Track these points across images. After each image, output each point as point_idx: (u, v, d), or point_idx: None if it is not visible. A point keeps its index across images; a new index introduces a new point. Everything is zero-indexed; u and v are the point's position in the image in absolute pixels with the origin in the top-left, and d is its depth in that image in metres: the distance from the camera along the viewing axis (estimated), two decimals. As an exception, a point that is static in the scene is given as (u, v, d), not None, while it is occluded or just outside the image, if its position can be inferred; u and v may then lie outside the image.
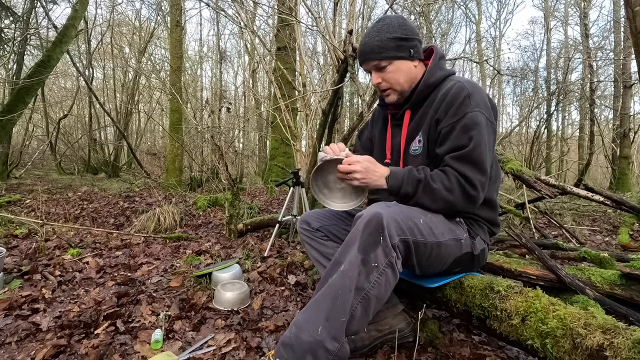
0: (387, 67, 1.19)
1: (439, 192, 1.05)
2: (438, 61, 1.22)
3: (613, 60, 8.38)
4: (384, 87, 1.23)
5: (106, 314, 1.43)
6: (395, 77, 1.20)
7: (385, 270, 0.96)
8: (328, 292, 0.96)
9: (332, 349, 0.92)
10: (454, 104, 1.10)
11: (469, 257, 1.16)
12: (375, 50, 1.17)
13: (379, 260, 0.95)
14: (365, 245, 0.96)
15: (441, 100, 1.14)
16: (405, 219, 1.00)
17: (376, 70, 1.21)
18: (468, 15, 12.75)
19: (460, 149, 1.06)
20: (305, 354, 0.92)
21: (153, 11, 10.25)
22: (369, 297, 0.95)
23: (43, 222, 2.50)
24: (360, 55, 1.22)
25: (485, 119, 1.09)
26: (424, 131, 1.18)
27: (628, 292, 1.19)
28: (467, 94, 1.09)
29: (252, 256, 2.35)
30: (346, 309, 0.93)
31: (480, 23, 13.47)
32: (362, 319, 0.97)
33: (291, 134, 3.90)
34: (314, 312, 0.96)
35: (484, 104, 1.11)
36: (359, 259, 0.95)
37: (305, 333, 0.93)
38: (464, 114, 1.08)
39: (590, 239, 2.96)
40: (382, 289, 0.97)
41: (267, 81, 10.40)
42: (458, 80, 1.15)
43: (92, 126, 9.29)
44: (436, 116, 1.14)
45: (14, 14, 5.99)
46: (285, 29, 5.68)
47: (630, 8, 1.95)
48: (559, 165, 9.84)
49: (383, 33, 1.17)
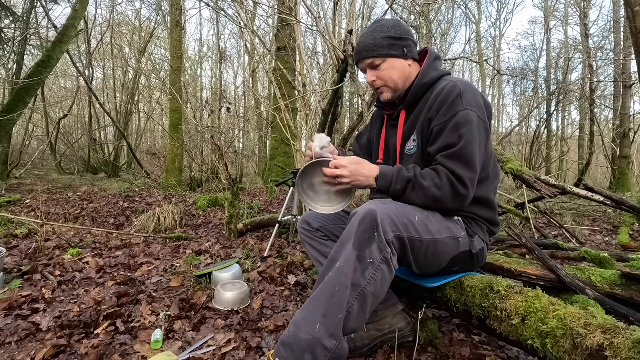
0: (381, 65, 1.22)
1: (429, 190, 1.06)
2: (433, 62, 1.24)
3: (613, 60, 8.38)
4: (378, 84, 1.25)
5: (106, 314, 1.43)
6: (389, 74, 1.22)
7: (381, 266, 0.97)
8: (325, 290, 0.96)
9: (330, 346, 0.93)
10: (445, 103, 1.11)
11: (467, 256, 1.16)
12: (369, 48, 1.20)
13: (374, 256, 0.96)
14: (360, 241, 0.97)
15: (434, 99, 1.15)
16: (400, 216, 1.01)
17: (371, 69, 1.24)
18: (468, 15, 12.77)
19: (451, 147, 1.07)
20: (304, 353, 0.92)
21: (153, 11, 10.26)
22: (365, 293, 0.96)
23: (43, 222, 2.50)
24: (356, 55, 1.26)
25: (477, 117, 1.09)
26: (418, 131, 1.20)
27: (628, 292, 1.19)
28: (459, 92, 1.10)
29: (252, 256, 2.35)
30: (343, 305, 0.94)
31: (480, 23, 13.48)
32: (359, 316, 0.97)
33: (291, 134, 3.90)
34: (311, 309, 0.96)
35: (476, 102, 1.11)
36: (355, 256, 0.96)
37: (303, 332, 0.94)
38: (455, 112, 1.08)
39: (590, 239, 2.96)
40: (378, 286, 0.97)
41: (267, 81, 10.41)
42: (451, 80, 1.16)
43: (92, 126, 9.29)
44: (429, 115, 1.16)
45: (14, 14, 5.99)
46: (285, 29, 5.68)
47: (630, 8, 1.95)
48: (559, 165, 9.84)
49: (377, 33, 1.20)
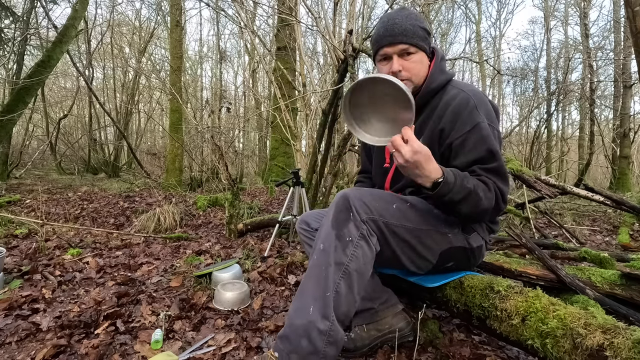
0: (414, 56, 1.11)
1: (481, 202, 1.02)
2: (440, 63, 1.18)
3: (613, 60, 8.38)
4: (404, 76, 1.12)
5: (106, 314, 1.43)
6: (417, 68, 1.13)
7: (360, 242, 0.98)
8: (311, 273, 0.99)
9: (325, 328, 0.93)
10: (461, 115, 1.08)
11: (462, 252, 1.16)
12: (408, 33, 1.08)
13: (351, 234, 0.98)
14: (337, 221, 1.00)
15: (444, 109, 1.12)
16: (372, 201, 1.03)
17: (399, 56, 1.11)
18: (468, 15, 12.77)
19: (487, 161, 1.06)
20: (300, 339, 0.93)
21: (153, 11, 10.26)
22: (349, 271, 0.97)
23: (43, 222, 2.50)
24: (388, 36, 1.10)
25: (493, 130, 1.09)
26: (426, 138, 1.15)
27: (628, 292, 1.19)
28: (474, 104, 1.08)
29: (252, 256, 2.35)
30: (329, 284, 0.95)
31: (480, 23, 13.48)
32: (347, 296, 0.97)
33: (291, 134, 3.90)
34: (302, 295, 0.98)
35: (489, 113, 1.11)
36: (333, 235, 0.98)
37: (297, 318, 0.95)
38: (476, 123, 1.06)
39: (590, 239, 2.96)
40: (360, 262, 0.98)
41: (267, 81, 10.41)
42: (461, 90, 1.12)
43: (92, 126, 9.29)
44: (440, 126, 1.12)
45: (14, 14, 5.99)
46: (285, 29, 5.68)
47: (630, 8, 1.95)
48: (559, 165, 9.84)
49: (413, 19, 1.09)
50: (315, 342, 0.93)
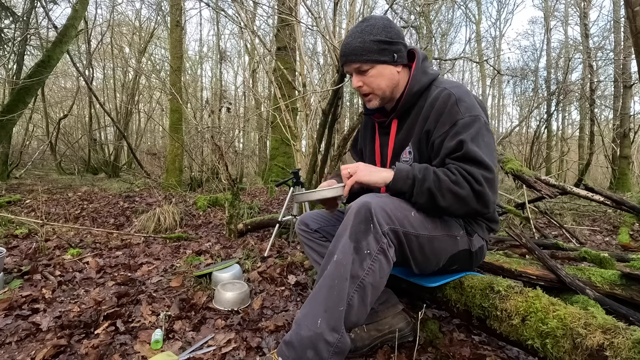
0: (369, 71, 1.14)
1: (445, 183, 0.99)
2: (421, 65, 1.17)
3: (613, 60, 8.38)
4: (365, 91, 1.18)
5: (106, 314, 1.43)
6: (377, 81, 1.15)
7: (378, 256, 0.96)
8: (324, 284, 0.96)
9: (333, 340, 0.93)
10: (443, 114, 1.08)
11: (466, 254, 1.16)
12: (357, 52, 1.11)
13: (370, 247, 0.96)
14: (356, 233, 0.97)
15: (429, 109, 1.11)
16: (394, 210, 1.00)
17: (357, 73, 1.16)
18: (468, 15, 12.76)
19: (455, 151, 1.03)
20: (306, 350, 0.92)
21: (153, 11, 10.24)
22: (364, 284, 0.96)
23: (43, 222, 2.50)
24: (342, 57, 1.16)
25: (477, 120, 1.06)
26: (414, 142, 1.16)
27: (628, 292, 1.19)
28: (455, 100, 1.07)
29: (252, 256, 2.35)
30: (343, 297, 0.94)
31: (480, 23, 13.48)
32: (359, 308, 0.97)
33: (291, 134, 3.90)
34: (312, 305, 0.97)
35: (473, 106, 1.08)
36: (352, 247, 0.96)
37: (304, 328, 0.94)
38: (455, 121, 1.05)
39: (590, 239, 2.96)
40: (377, 276, 0.97)
41: (267, 81, 10.40)
42: (444, 87, 1.11)
43: (92, 126, 9.29)
44: (426, 127, 1.12)
45: (13, 14, 5.99)
46: (285, 29, 5.68)
47: (630, 8, 1.95)
48: (559, 165, 9.84)
49: (366, 34, 1.11)
50: (322, 354, 0.92)
